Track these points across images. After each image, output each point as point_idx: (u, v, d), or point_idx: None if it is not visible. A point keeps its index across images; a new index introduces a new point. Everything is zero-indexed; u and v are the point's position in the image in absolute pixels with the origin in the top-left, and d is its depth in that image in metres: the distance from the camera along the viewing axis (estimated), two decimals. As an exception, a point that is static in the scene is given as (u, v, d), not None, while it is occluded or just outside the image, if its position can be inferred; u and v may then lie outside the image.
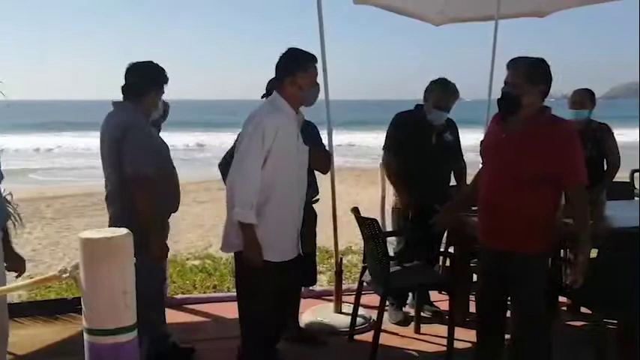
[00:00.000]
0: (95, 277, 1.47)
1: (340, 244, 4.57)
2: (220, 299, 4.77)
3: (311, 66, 3.04)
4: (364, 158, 21.18)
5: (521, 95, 2.76)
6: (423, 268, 3.97)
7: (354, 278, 5.39)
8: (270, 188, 2.97)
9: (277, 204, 3.01)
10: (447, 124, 4.18)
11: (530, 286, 2.84)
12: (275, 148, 2.93)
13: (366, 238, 3.78)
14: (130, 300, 1.49)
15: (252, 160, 2.90)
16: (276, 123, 2.94)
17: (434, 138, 4.13)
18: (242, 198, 2.88)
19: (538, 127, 2.79)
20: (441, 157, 4.15)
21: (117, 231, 1.50)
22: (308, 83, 3.02)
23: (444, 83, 4.11)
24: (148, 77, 3.21)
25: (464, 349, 3.64)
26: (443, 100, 4.06)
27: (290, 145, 3.02)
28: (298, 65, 3.00)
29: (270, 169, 2.94)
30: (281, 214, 3.04)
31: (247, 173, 2.90)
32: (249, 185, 2.89)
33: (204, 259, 6.31)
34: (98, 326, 1.48)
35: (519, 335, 2.92)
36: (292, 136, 3.05)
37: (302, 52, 3.04)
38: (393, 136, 4.20)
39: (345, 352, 3.85)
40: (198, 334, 4.04)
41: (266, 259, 2.97)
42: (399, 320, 4.21)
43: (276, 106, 3.03)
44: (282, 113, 3.00)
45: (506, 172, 2.82)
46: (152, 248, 3.01)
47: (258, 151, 2.90)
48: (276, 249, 3.03)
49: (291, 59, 3.03)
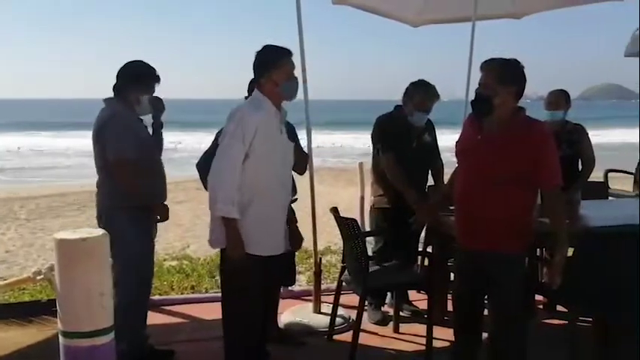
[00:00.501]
0: (70, 279, 1.45)
1: (319, 244, 4.57)
2: (198, 300, 4.74)
3: (284, 60, 3.04)
4: (343, 158, 21.25)
5: (493, 96, 2.78)
6: (401, 267, 3.98)
7: (332, 278, 5.39)
8: (254, 184, 2.99)
9: (262, 199, 3.02)
10: (425, 125, 4.21)
11: (508, 285, 2.86)
12: (257, 145, 2.95)
13: (345, 238, 3.78)
14: (106, 301, 1.47)
15: (232, 156, 2.93)
16: (257, 120, 2.96)
17: (415, 140, 4.15)
18: (224, 194, 2.91)
19: (513, 128, 2.81)
20: (421, 158, 4.17)
21: (93, 231, 1.48)
22: (282, 77, 3.03)
23: (426, 85, 4.12)
24: (130, 76, 3.36)
25: (442, 348, 3.66)
26: (425, 102, 4.08)
27: (272, 141, 3.04)
28: (271, 61, 3.03)
29: (253, 165, 2.97)
30: (266, 209, 3.04)
31: (228, 170, 2.93)
32: (230, 181, 2.92)
33: (182, 260, 6.25)
34: (74, 329, 1.47)
35: (497, 334, 2.94)
36: (274, 132, 3.06)
37: (274, 48, 3.06)
38: (382, 137, 4.19)
39: (325, 352, 3.85)
40: (176, 336, 4.00)
41: (253, 254, 2.99)
42: (377, 320, 4.22)
43: (256, 103, 3.05)
44: (262, 110, 3.02)
45: (482, 174, 2.83)
46: (155, 214, 3.37)
47: (239, 148, 2.93)
48: (263, 244, 3.04)
49: (265, 56, 3.05)
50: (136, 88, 3.34)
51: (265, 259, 3.05)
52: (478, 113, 2.90)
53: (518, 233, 2.85)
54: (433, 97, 4.11)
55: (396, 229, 4.09)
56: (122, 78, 3.36)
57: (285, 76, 3.03)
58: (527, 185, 2.81)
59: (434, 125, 4.33)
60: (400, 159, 4.03)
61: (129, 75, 3.36)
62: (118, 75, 3.38)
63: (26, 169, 17.92)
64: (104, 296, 1.48)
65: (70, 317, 1.48)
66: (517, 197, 2.81)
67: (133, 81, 3.35)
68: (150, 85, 3.41)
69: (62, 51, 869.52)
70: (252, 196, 2.99)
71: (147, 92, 3.40)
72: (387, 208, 4.17)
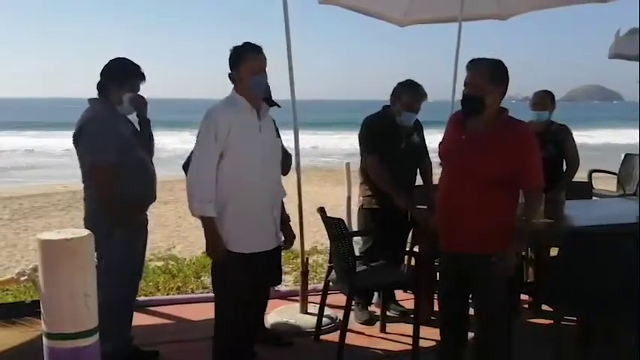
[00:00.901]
0: (54, 280, 1.43)
1: (306, 245, 4.56)
2: (184, 301, 4.72)
3: (249, 56, 3.03)
4: (330, 158, 21.25)
5: (485, 96, 2.79)
6: (388, 267, 3.99)
7: (319, 278, 5.39)
8: (233, 182, 3.00)
9: (242, 197, 3.02)
10: (414, 126, 4.21)
11: (493, 285, 2.87)
12: (232, 143, 2.97)
13: (332, 238, 3.78)
14: (91, 303, 1.45)
15: (206, 155, 2.97)
16: (229, 118, 2.98)
17: (403, 141, 4.15)
18: (200, 193, 2.95)
19: (497, 128, 2.82)
20: (409, 159, 4.17)
21: (77, 232, 1.46)
22: (247, 73, 3.01)
23: (414, 85, 4.12)
24: (112, 74, 3.30)
25: (429, 348, 3.67)
26: (413, 102, 4.08)
27: (249, 139, 3.03)
28: (236, 59, 3.04)
29: (230, 163, 2.98)
30: (247, 207, 3.04)
31: (202, 169, 2.97)
32: (205, 180, 2.95)
33: (168, 260, 6.20)
34: (58, 330, 1.44)
35: (482, 334, 2.96)
36: (251, 129, 3.04)
37: (241, 45, 3.05)
38: (370, 138, 4.19)
39: (311, 353, 3.84)
40: (161, 337, 3.96)
41: (233, 251, 3.01)
42: (364, 320, 4.22)
43: (230, 101, 3.07)
44: (236, 108, 3.03)
45: (467, 174, 2.83)
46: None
47: (212, 147, 2.95)
48: (243, 241, 3.04)
49: (232, 55, 3.06)
50: (118, 87, 3.28)
51: (247, 256, 3.04)
52: (468, 113, 2.89)
53: (502, 233, 2.85)
54: (421, 97, 4.11)
55: (384, 229, 4.09)
56: (105, 76, 3.30)
57: (250, 71, 3.00)
58: (511, 185, 2.83)
59: (422, 125, 4.34)
60: (388, 159, 4.03)
61: (112, 73, 3.30)
62: (102, 73, 3.31)
63: (9, 170, 17.68)
64: (88, 297, 1.46)
65: (54, 318, 1.46)
66: (501, 197, 2.82)
67: (116, 79, 3.27)
68: (133, 83, 3.34)
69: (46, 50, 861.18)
70: (231, 194, 3.01)
71: (130, 90, 3.32)
72: (375, 209, 4.17)
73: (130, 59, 3.37)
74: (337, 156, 21.35)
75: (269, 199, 3.13)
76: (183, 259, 6.15)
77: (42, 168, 17.69)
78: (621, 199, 5.75)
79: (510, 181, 2.79)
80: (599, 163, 7.71)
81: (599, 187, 6.50)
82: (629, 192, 6.35)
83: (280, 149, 3.30)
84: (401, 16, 5.85)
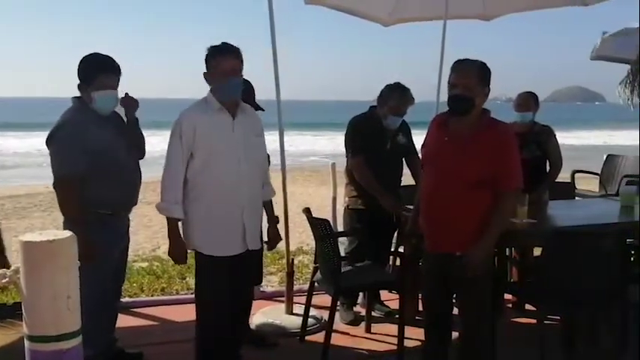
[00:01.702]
0: (36, 282, 1.41)
1: (291, 245, 4.55)
2: (169, 302, 4.69)
3: (217, 57, 2.99)
4: (315, 159, 21.26)
5: (474, 97, 2.79)
6: (373, 267, 3.99)
7: (304, 279, 5.38)
8: (202, 182, 3.01)
9: (212, 198, 3.02)
10: (400, 127, 4.22)
11: (477, 286, 2.88)
12: (199, 143, 2.98)
13: (317, 239, 3.78)
14: (73, 304, 1.44)
15: (172, 157, 3.01)
16: (194, 119, 3.00)
17: (389, 142, 4.16)
18: (166, 193, 3.01)
19: (480, 129, 2.83)
20: (394, 160, 4.19)
21: (59, 233, 1.45)
22: (216, 74, 2.99)
23: (401, 89, 4.13)
24: (79, 72, 3.13)
25: (414, 348, 3.68)
26: (400, 106, 4.10)
27: (218, 138, 3.02)
28: (207, 59, 3.03)
29: (199, 163, 3.00)
30: (217, 208, 3.03)
31: (169, 170, 3.02)
32: (171, 181, 3.00)
33: (152, 261, 6.18)
34: (40, 333, 1.43)
35: (467, 333, 2.97)
36: (221, 129, 3.02)
37: (213, 46, 3.02)
38: (357, 139, 4.19)
39: (297, 353, 3.84)
40: (146, 338, 3.93)
41: (205, 254, 3.05)
42: (350, 320, 4.23)
43: (199, 103, 3.09)
44: (202, 109, 3.04)
45: (450, 175, 2.83)
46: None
47: (178, 148, 2.98)
48: (214, 243, 3.05)
49: (206, 56, 3.03)
50: (87, 85, 3.07)
51: (221, 259, 3.04)
52: (457, 113, 2.87)
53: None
54: (408, 101, 4.13)
55: (369, 229, 4.10)
56: (78, 75, 3.11)
57: (219, 74, 2.98)
58: (493, 185, 2.83)
59: (409, 126, 4.35)
60: (374, 160, 4.05)
61: (81, 71, 3.10)
62: (77, 71, 3.12)
63: (-8, 170, 17.51)
64: (71, 299, 1.44)
65: (36, 321, 1.44)
66: (484, 198, 2.82)
67: (85, 77, 3.08)
68: (103, 79, 3.07)
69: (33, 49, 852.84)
70: (200, 194, 3.01)
71: (101, 87, 3.06)
72: (360, 209, 4.18)
73: (101, 53, 3.17)
74: (322, 156, 21.37)
75: (239, 200, 3.06)
76: (167, 260, 6.08)
77: (24, 168, 17.52)
78: (603, 199, 5.81)
79: (493, 181, 2.81)
80: (581, 163, 7.80)
81: (581, 188, 6.56)
82: (610, 192, 6.43)
83: (261, 149, 3.23)
84: (386, 15, 5.88)
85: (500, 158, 2.79)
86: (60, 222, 3.13)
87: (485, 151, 2.78)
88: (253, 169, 3.13)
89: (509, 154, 2.83)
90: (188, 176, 3.02)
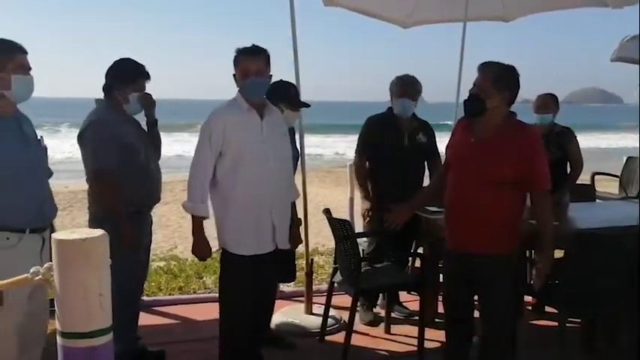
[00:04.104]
0: (69, 279, 1.43)
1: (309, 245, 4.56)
2: (188, 301, 4.73)
3: (241, 58, 3.07)
4: (334, 160, 21.27)
5: (486, 99, 2.81)
6: (393, 268, 3.99)
7: (320, 279, 5.39)
8: (233, 182, 3.04)
9: (240, 198, 3.06)
10: (419, 125, 4.22)
11: (501, 286, 2.88)
12: (229, 143, 3.02)
13: (337, 240, 3.79)
14: (105, 302, 1.45)
15: (200, 155, 3.05)
16: (223, 119, 3.05)
17: (406, 139, 4.16)
18: (193, 192, 3.06)
19: (506, 132, 2.84)
20: (414, 158, 4.18)
21: (91, 232, 1.46)
22: (241, 75, 3.06)
23: (401, 76, 4.18)
24: (117, 75, 3.29)
25: (434, 349, 3.68)
26: (400, 89, 4.11)
27: (246, 138, 3.06)
28: (234, 61, 3.09)
29: (229, 161, 3.04)
30: (245, 208, 3.07)
31: (196, 168, 3.07)
32: (198, 180, 3.04)
33: (170, 261, 6.21)
34: (72, 329, 1.45)
35: (488, 334, 2.96)
36: (249, 129, 3.07)
37: (240, 48, 3.08)
38: (365, 138, 4.22)
39: (316, 354, 3.85)
40: (167, 337, 3.97)
41: (235, 253, 3.08)
42: (369, 321, 4.23)
43: (229, 103, 3.14)
44: (232, 109, 3.09)
45: (476, 177, 2.84)
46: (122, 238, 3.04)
47: (207, 147, 3.02)
48: (241, 242, 3.08)
49: (234, 57, 3.10)
50: (124, 87, 3.26)
51: (248, 258, 3.07)
52: (469, 114, 2.93)
53: (510, 234, 2.88)
54: (407, 84, 4.14)
55: (388, 230, 4.09)
56: (110, 77, 3.29)
57: (243, 74, 3.05)
58: (518, 188, 2.85)
59: (431, 126, 4.35)
60: (392, 159, 4.07)
61: (116, 74, 3.28)
62: (106, 74, 3.31)
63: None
64: (103, 297, 1.46)
65: (68, 317, 1.46)
66: (508, 199, 2.84)
67: (121, 79, 3.27)
68: (138, 82, 3.31)
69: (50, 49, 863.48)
70: (230, 193, 3.05)
71: (136, 90, 3.30)
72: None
73: (134, 59, 3.37)
74: (341, 158, 21.36)
75: (267, 200, 3.11)
76: (185, 259, 6.14)
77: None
78: (624, 201, 5.75)
79: (517, 182, 2.81)
80: (600, 165, 7.73)
81: (601, 190, 6.50)
82: (630, 194, 6.36)
83: (287, 149, 3.28)
84: (404, 17, 5.87)
85: (528, 160, 2.79)
86: (79, 221, 3.18)
87: (511, 153, 2.79)
88: (282, 168, 3.18)
89: (537, 156, 2.83)
90: (217, 176, 3.07)
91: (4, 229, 2.47)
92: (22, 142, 2.56)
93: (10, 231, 2.48)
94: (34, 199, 2.56)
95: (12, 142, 2.52)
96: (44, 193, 2.66)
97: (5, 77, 2.48)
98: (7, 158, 2.47)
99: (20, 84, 2.53)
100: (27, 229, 2.51)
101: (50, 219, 2.69)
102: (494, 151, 2.81)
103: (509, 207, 2.84)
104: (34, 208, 2.55)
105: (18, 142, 2.54)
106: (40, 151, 2.69)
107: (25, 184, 2.53)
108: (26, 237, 2.51)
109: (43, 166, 2.69)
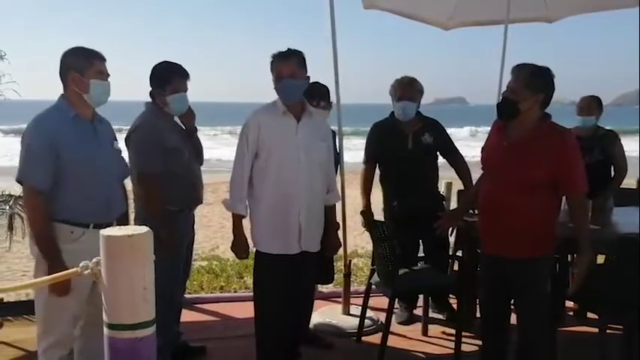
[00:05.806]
0: (115, 273, 1.50)
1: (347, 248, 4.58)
2: (229, 299, 4.84)
3: (274, 62, 3.12)
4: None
5: (519, 101, 2.79)
6: (431, 271, 3.99)
7: (359, 282, 5.42)
8: (265, 182, 3.12)
9: (269, 197, 3.13)
10: (425, 125, 4.16)
11: (537, 289, 2.86)
12: (263, 144, 3.11)
13: (375, 241, 3.81)
14: (149, 295, 1.52)
15: (239, 156, 3.15)
16: (259, 120, 3.14)
17: (410, 142, 4.11)
18: (232, 191, 3.17)
19: (540, 134, 2.81)
20: (420, 159, 4.12)
21: (137, 229, 1.53)
22: (275, 78, 3.11)
23: (399, 78, 4.18)
24: (152, 79, 3.41)
25: (471, 352, 3.66)
26: (399, 91, 4.09)
27: (280, 140, 3.12)
28: (270, 65, 3.14)
29: (264, 163, 3.12)
30: (275, 208, 3.13)
31: (236, 169, 3.16)
32: (237, 179, 3.14)
33: (211, 260, 6.33)
34: (117, 321, 1.52)
35: (526, 338, 2.94)
36: (284, 131, 3.13)
37: (273, 54, 3.14)
38: (370, 146, 4.27)
39: (353, 354, 3.88)
40: (208, 333, 4.08)
41: (263, 251, 3.17)
42: (406, 322, 4.23)
43: (268, 104, 3.22)
44: (269, 111, 3.17)
45: (509, 180, 2.83)
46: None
47: (244, 148, 3.13)
48: (268, 242, 3.16)
49: (270, 63, 3.16)
50: (162, 90, 3.33)
51: (278, 257, 3.13)
52: (502, 117, 2.92)
53: (545, 237, 2.86)
54: (403, 85, 4.11)
55: (408, 234, 4.03)
56: (150, 82, 3.40)
57: (277, 78, 3.10)
58: (552, 191, 2.82)
59: (440, 124, 4.29)
60: (397, 162, 4.10)
61: (152, 77, 3.39)
62: (149, 80, 3.41)
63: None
64: (147, 290, 1.53)
65: (114, 310, 1.53)
66: (543, 202, 2.81)
67: (157, 82, 3.36)
68: (174, 81, 3.33)
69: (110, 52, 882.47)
70: (262, 193, 3.14)
71: (174, 91, 3.33)
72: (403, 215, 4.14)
73: (169, 61, 3.43)
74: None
75: (296, 201, 3.13)
76: (226, 259, 6.25)
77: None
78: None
79: (552, 185, 2.79)
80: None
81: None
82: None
83: (324, 153, 3.28)
84: (445, 19, 5.84)
85: (562, 162, 2.76)
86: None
87: (544, 156, 2.76)
88: (314, 172, 3.18)
89: (571, 158, 2.79)
90: (253, 176, 3.15)
91: (69, 223, 2.63)
92: (94, 143, 2.73)
93: (74, 225, 2.64)
94: (100, 196, 2.71)
95: (86, 143, 2.69)
96: (112, 192, 2.81)
97: (84, 81, 2.66)
98: (78, 157, 2.64)
99: (97, 88, 2.70)
100: (90, 225, 2.66)
101: (115, 217, 2.84)
102: (528, 154, 2.79)
103: (543, 210, 2.82)
104: (99, 206, 2.71)
105: (91, 143, 2.71)
106: (113, 153, 2.86)
107: (93, 183, 2.68)
108: (89, 232, 2.64)
109: (113, 166, 2.85)
